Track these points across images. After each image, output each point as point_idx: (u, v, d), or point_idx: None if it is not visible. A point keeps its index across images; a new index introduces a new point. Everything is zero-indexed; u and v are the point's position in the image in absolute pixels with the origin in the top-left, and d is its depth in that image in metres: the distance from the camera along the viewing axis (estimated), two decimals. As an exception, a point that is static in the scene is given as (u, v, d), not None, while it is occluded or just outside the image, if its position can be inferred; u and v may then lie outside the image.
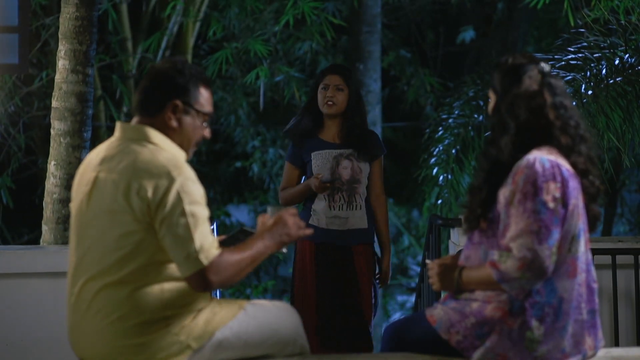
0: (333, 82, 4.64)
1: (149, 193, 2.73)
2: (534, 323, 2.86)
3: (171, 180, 2.74)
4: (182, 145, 2.91)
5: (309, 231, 2.98)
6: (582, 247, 2.97)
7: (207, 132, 2.96)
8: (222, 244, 2.99)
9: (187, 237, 2.73)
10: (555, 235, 2.86)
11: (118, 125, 2.93)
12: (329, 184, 4.59)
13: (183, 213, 2.73)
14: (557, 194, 2.87)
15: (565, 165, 2.93)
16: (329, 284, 4.60)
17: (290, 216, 2.93)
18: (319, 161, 4.64)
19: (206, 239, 2.75)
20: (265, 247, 2.87)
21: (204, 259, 2.73)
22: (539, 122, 2.95)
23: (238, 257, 2.79)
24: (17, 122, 8.14)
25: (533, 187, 2.85)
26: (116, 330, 2.78)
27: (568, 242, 2.93)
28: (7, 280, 4.69)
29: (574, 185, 2.92)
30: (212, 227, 5.02)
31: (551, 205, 2.86)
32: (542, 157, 2.90)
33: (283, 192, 4.77)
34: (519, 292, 2.88)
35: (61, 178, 5.19)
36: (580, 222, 2.95)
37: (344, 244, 4.64)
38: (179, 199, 2.73)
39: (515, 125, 2.95)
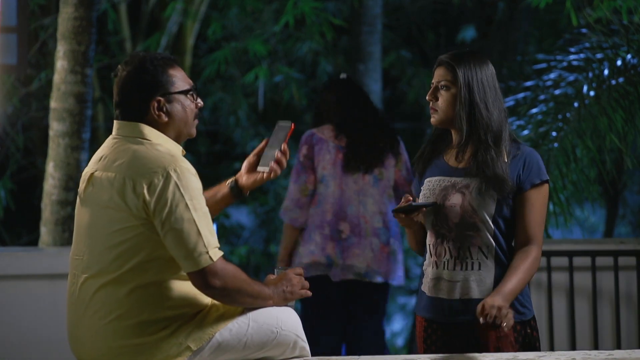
0: (436, 77, 3.16)
1: (145, 189, 2.73)
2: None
3: (167, 175, 2.74)
4: (180, 132, 2.91)
5: (309, 293, 2.99)
6: (327, 189, 4.58)
7: (199, 103, 2.96)
8: (267, 148, 3.04)
9: (193, 232, 2.72)
10: (303, 177, 4.60)
11: (115, 124, 2.94)
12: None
13: (186, 208, 2.73)
14: (305, 152, 4.61)
15: (320, 134, 4.61)
16: None
17: (295, 275, 2.97)
18: (425, 190, 3.21)
19: (212, 234, 2.77)
20: (269, 295, 2.89)
21: (213, 255, 2.74)
22: (326, 111, 4.68)
23: (246, 277, 2.81)
24: (16, 123, 8.12)
25: (299, 150, 4.59)
26: (114, 330, 2.77)
27: (318, 182, 4.60)
28: (6, 282, 4.67)
29: (320, 147, 4.58)
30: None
31: (301, 159, 4.63)
32: (309, 131, 4.64)
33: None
34: (296, 221, 4.65)
35: (60, 179, 5.17)
36: (326, 172, 4.56)
37: (451, 321, 3.11)
38: (179, 194, 2.73)
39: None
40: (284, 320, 2.96)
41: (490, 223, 3.04)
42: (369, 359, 3.05)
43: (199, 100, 2.97)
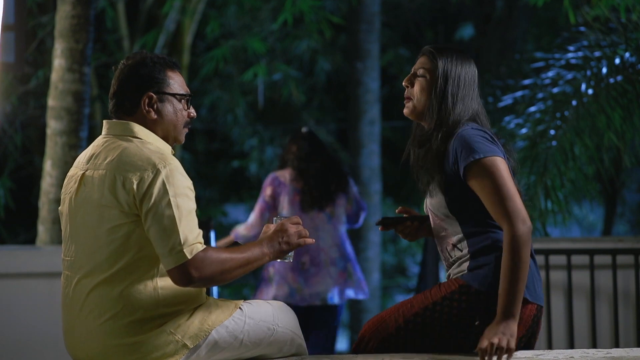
0: (417, 65, 3.15)
1: (135, 185, 2.72)
2: None
3: (156, 171, 2.73)
4: (168, 133, 2.91)
5: (310, 240, 2.93)
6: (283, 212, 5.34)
7: (191, 112, 2.96)
8: None
9: (171, 229, 2.69)
10: (266, 214, 5.34)
11: (104, 123, 2.94)
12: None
13: (168, 204, 2.70)
14: (269, 192, 5.32)
15: (282, 178, 5.33)
16: None
17: (292, 224, 2.90)
18: None
19: (191, 232, 2.71)
20: (262, 253, 2.83)
21: (188, 253, 2.68)
22: (288, 158, 5.42)
23: (226, 256, 2.74)
24: (14, 121, 8.11)
25: (263, 189, 5.38)
26: (110, 329, 2.76)
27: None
28: (3, 281, 4.67)
29: (281, 189, 5.31)
30: (211, 226, 5.00)
31: (267, 199, 5.34)
32: (272, 173, 5.42)
33: None
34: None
35: (57, 177, 5.16)
36: (285, 212, 5.28)
37: None
38: (164, 190, 2.71)
39: None
40: (281, 317, 2.96)
41: (451, 214, 2.99)
42: (366, 357, 3.04)
43: (192, 109, 2.96)
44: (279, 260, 2.90)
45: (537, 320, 2.98)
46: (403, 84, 3.12)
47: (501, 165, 2.89)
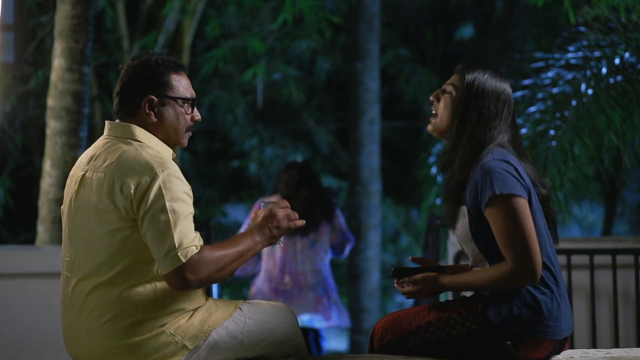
0: (447, 82, 3.11)
1: (132, 190, 2.71)
2: None
3: (154, 176, 2.72)
4: (169, 137, 2.89)
5: (300, 222, 2.91)
6: (271, 248, 4.86)
7: (195, 115, 2.94)
8: None
9: (166, 233, 2.68)
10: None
11: (106, 124, 2.93)
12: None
13: (164, 209, 2.69)
14: (254, 217, 5.83)
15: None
16: None
17: (281, 209, 2.89)
18: None
19: (186, 236, 2.70)
20: (254, 242, 2.82)
21: (182, 257, 2.67)
22: (280, 186, 5.70)
23: (220, 253, 2.73)
24: (14, 121, 8.11)
25: (249, 215, 4.73)
26: (109, 330, 2.76)
27: None
28: (3, 281, 4.66)
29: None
30: (211, 229, 5.00)
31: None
32: (260, 199, 5.01)
33: None
34: (242, 270, 5.29)
35: (57, 177, 5.16)
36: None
37: None
38: (160, 195, 2.70)
39: None
40: (280, 318, 2.96)
41: (477, 248, 2.94)
42: (365, 357, 3.04)
43: (196, 113, 2.95)
44: (270, 245, 2.89)
45: (556, 350, 2.97)
46: (430, 98, 3.08)
47: (519, 206, 2.83)
